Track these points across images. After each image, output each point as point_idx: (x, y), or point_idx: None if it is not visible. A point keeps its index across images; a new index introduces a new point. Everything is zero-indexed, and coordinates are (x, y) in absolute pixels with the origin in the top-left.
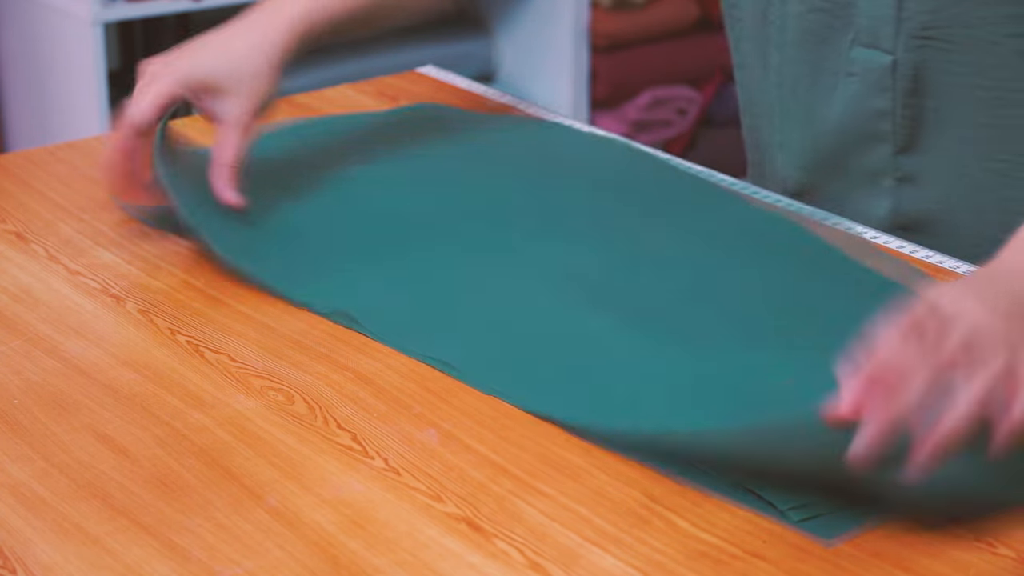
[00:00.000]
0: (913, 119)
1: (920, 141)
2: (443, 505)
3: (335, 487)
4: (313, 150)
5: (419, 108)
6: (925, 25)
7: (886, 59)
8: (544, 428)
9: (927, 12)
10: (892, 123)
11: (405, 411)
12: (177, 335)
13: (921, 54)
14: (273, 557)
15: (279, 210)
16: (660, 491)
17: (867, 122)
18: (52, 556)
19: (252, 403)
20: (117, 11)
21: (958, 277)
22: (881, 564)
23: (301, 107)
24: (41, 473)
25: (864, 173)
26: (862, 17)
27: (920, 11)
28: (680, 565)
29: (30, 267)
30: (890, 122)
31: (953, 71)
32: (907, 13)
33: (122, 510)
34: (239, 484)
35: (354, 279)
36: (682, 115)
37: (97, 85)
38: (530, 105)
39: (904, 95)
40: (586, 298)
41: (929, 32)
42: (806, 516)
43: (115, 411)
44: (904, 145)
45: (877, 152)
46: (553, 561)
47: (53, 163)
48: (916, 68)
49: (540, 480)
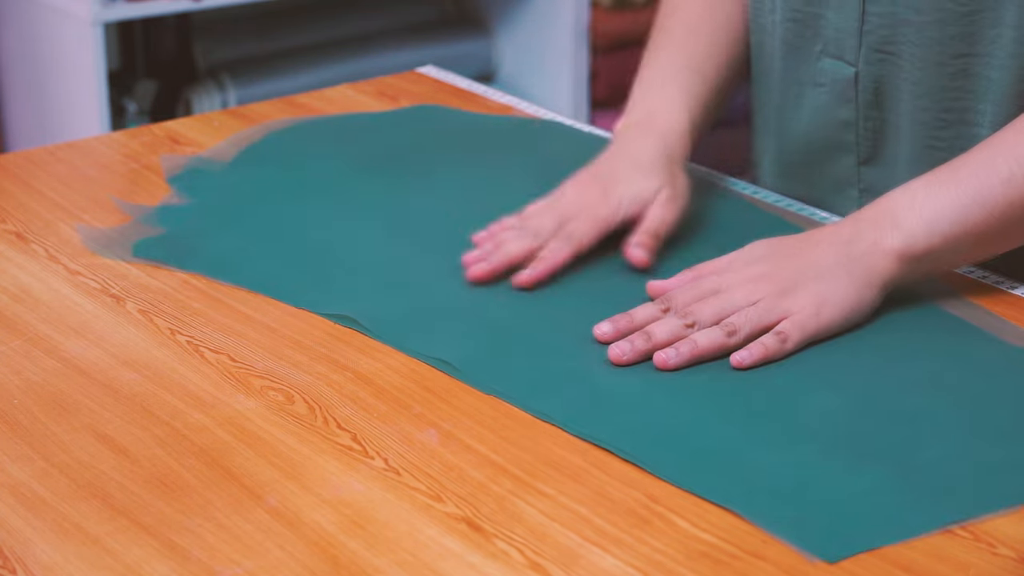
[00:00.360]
0: (875, 131)
1: (881, 153)
2: (443, 505)
3: (335, 487)
4: (312, 154)
5: (419, 109)
6: (884, 40)
7: (850, 71)
8: (544, 428)
9: (886, 27)
10: (855, 134)
11: (405, 411)
12: (177, 335)
13: (880, 68)
14: (273, 557)
15: (278, 216)
16: (660, 491)
17: (833, 132)
18: (52, 556)
19: (252, 403)
20: (117, 11)
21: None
22: (881, 564)
23: (301, 107)
24: (41, 473)
25: (831, 183)
26: (829, 28)
27: (880, 25)
28: (680, 565)
29: (30, 267)
30: (853, 133)
31: (905, 88)
32: (868, 27)
33: (122, 510)
34: (239, 484)
35: (354, 283)
36: None
37: (97, 85)
38: (530, 105)
39: (865, 107)
40: (588, 298)
41: (887, 47)
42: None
43: (115, 411)
44: (867, 157)
45: (842, 163)
46: (553, 561)
47: (53, 163)
48: (876, 81)
49: (540, 480)
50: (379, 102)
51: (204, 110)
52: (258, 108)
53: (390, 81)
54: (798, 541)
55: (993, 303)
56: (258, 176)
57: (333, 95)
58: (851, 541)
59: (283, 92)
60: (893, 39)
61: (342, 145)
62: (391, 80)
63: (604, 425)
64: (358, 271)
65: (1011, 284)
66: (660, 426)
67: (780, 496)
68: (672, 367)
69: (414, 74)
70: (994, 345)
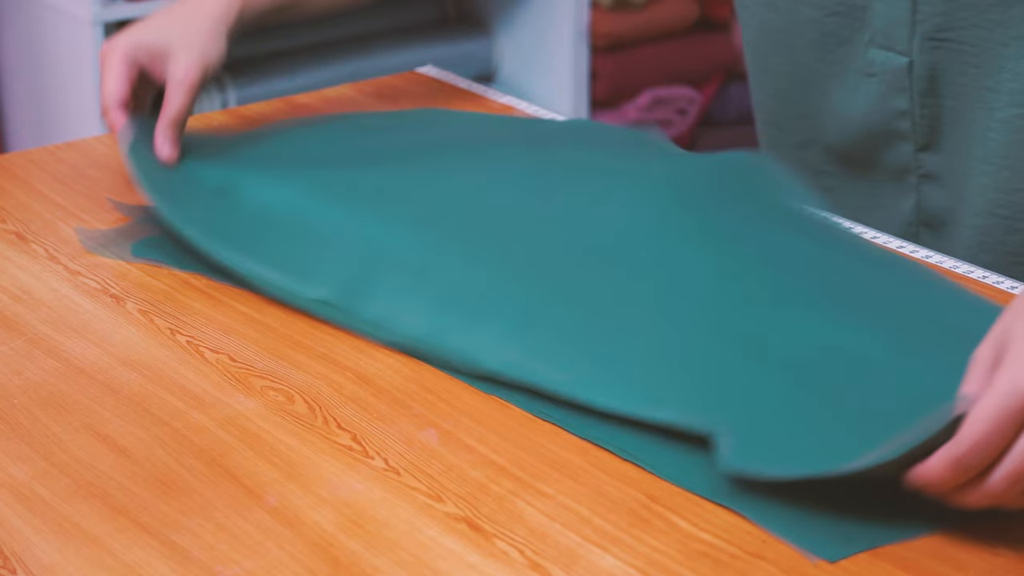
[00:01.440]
0: (932, 118)
1: (939, 140)
2: (443, 505)
3: (335, 487)
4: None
5: (420, 112)
6: (939, 27)
7: (902, 61)
8: (544, 428)
9: (940, 15)
10: (912, 122)
11: (405, 411)
12: (177, 335)
13: (936, 56)
14: (273, 557)
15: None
16: (660, 491)
17: (888, 121)
18: (52, 556)
19: (252, 403)
20: (117, 11)
21: (974, 282)
22: (881, 564)
23: (301, 107)
24: (41, 473)
25: (889, 170)
26: (877, 20)
27: (933, 13)
28: (680, 565)
29: (30, 267)
30: (910, 121)
31: (967, 72)
32: (921, 16)
33: (122, 510)
34: (239, 484)
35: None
36: (682, 115)
37: (97, 85)
38: (530, 105)
39: (921, 95)
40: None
41: (943, 34)
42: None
43: (115, 411)
44: (924, 143)
45: (899, 150)
46: (553, 561)
47: (53, 163)
48: (931, 69)
49: (540, 480)
50: (379, 102)
51: (204, 110)
52: (258, 108)
53: (390, 81)
54: (798, 541)
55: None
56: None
57: (333, 95)
58: (851, 541)
59: (283, 92)
60: (949, 26)
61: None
62: (391, 80)
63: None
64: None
65: (1011, 284)
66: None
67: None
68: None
69: (414, 74)
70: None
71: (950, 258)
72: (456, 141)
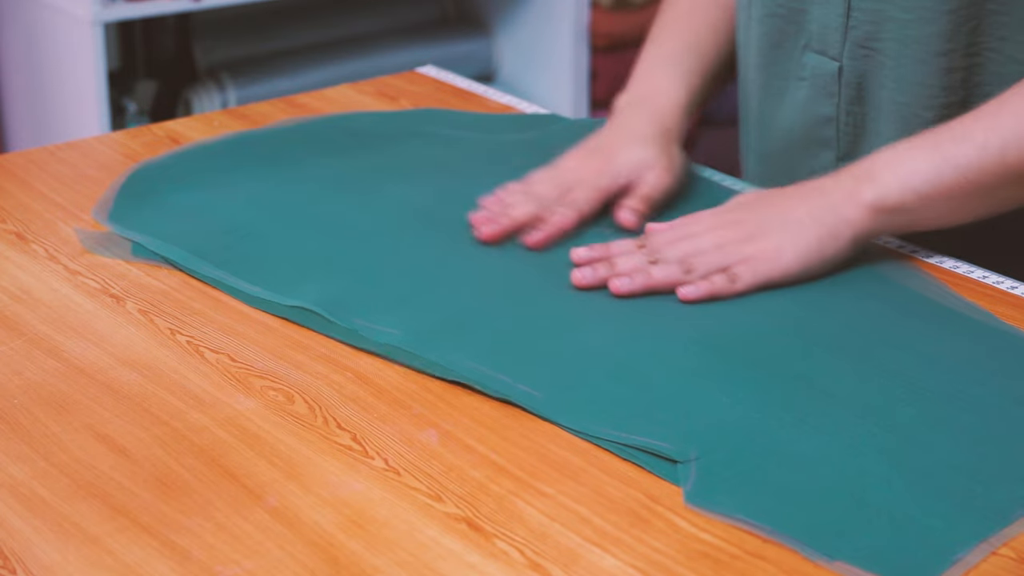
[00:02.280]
0: (854, 126)
1: (859, 150)
2: (443, 505)
3: (335, 487)
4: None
5: (419, 112)
6: (869, 35)
7: (833, 65)
8: (544, 428)
9: (870, 23)
10: (836, 129)
11: (405, 411)
12: (177, 335)
13: (864, 64)
14: (273, 557)
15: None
16: (660, 491)
17: (814, 127)
18: (52, 556)
19: (252, 403)
20: (117, 11)
21: (954, 276)
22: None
23: (301, 107)
24: (41, 473)
25: (810, 178)
26: (813, 23)
27: (865, 21)
28: (680, 565)
29: (30, 267)
30: (834, 128)
31: (886, 84)
32: (853, 22)
33: (122, 510)
34: (239, 484)
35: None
36: None
37: (97, 85)
38: (530, 105)
39: (847, 102)
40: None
41: (871, 43)
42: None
43: (115, 411)
44: (846, 152)
45: (822, 158)
46: (553, 561)
47: (53, 163)
48: (859, 76)
49: (540, 480)
50: (379, 102)
51: (204, 110)
52: (258, 108)
53: (390, 81)
54: (798, 541)
55: (993, 303)
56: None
57: (333, 95)
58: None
59: (283, 92)
60: (877, 35)
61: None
62: (391, 80)
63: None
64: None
65: (1011, 284)
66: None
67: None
68: (624, 293)
69: (414, 74)
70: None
71: (950, 258)
72: (431, 158)
